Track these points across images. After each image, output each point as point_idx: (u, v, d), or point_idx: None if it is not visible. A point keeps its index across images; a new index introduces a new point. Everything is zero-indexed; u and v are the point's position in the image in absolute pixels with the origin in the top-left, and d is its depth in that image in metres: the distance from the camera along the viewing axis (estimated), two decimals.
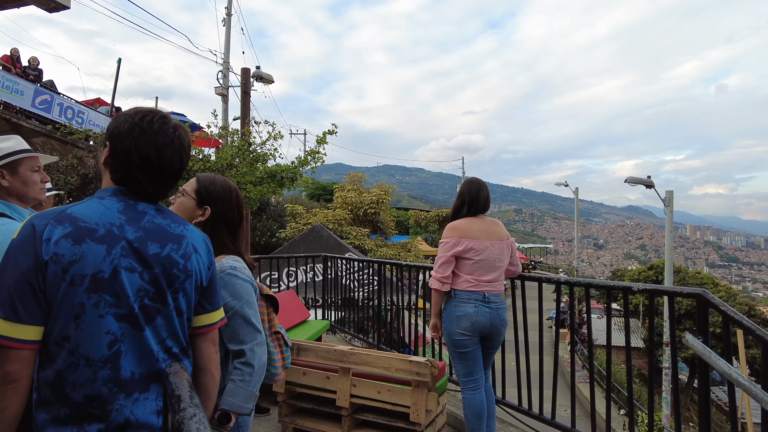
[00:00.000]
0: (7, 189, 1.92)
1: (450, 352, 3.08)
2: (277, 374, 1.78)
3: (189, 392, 1.18)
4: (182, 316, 1.35)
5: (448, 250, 2.96)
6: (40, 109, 12.69)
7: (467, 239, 2.95)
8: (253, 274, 1.81)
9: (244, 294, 1.63)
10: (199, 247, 1.41)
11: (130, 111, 1.35)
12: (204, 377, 1.46)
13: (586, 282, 3.36)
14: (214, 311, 1.46)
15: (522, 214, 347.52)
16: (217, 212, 1.76)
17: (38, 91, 12.72)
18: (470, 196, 3.07)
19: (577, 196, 28.83)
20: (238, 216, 1.81)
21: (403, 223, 31.56)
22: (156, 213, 1.35)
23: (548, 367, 3.64)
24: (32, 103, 12.52)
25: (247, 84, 9.10)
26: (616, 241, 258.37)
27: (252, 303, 1.65)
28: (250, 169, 7.57)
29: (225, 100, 15.56)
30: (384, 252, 17.32)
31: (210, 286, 1.44)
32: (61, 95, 13.74)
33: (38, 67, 13.75)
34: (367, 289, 6.80)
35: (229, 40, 16.47)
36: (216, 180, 1.81)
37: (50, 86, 13.57)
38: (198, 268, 1.38)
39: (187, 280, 1.34)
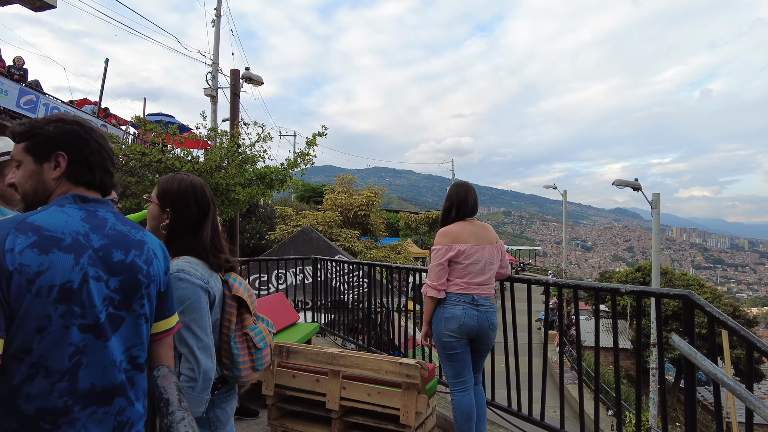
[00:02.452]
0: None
1: (439, 353, 3.09)
2: (241, 376, 1.76)
3: (178, 395, 1.17)
4: (148, 323, 1.35)
5: (442, 257, 2.96)
6: (25, 109, 12.50)
7: (458, 244, 2.95)
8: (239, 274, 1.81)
9: (185, 298, 1.62)
10: (158, 252, 1.43)
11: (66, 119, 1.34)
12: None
13: (575, 284, 3.39)
14: (171, 316, 1.48)
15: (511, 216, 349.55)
16: (174, 212, 1.75)
17: (23, 91, 12.54)
18: (458, 200, 3.08)
19: (566, 199, 29.06)
20: (198, 213, 1.78)
21: (393, 225, 31.60)
22: (116, 220, 1.35)
23: (537, 369, 3.66)
24: (17, 103, 12.33)
25: (236, 85, 9.05)
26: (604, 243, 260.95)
27: (194, 307, 1.63)
28: (239, 170, 7.53)
29: (214, 102, 15.47)
30: (374, 254, 17.32)
31: (167, 292, 1.46)
32: (47, 95, 13.56)
33: (23, 66, 13.55)
34: (357, 291, 6.79)
35: (218, 42, 16.38)
36: (174, 179, 1.79)
37: (35, 86, 13.37)
38: (158, 274, 1.39)
39: (150, 285, 1.35)
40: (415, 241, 30.78)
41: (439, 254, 2.98)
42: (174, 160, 6.98)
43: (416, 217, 31.97)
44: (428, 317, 3.06)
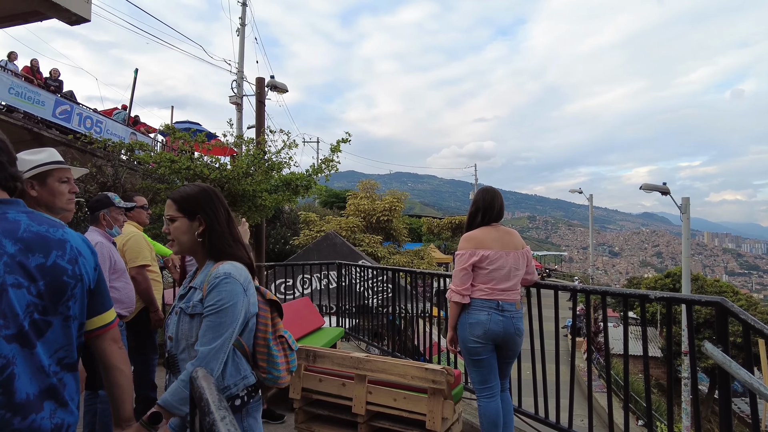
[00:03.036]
0: (36, 199, 1.99)
1: (465, 359, 3.09)
2: (280, 377, 1.79)
3: (217, 395, 1.21)
4: (75, 322, 1.32)
5: (465, 261, 2.96)
6: (60, 119, 12.97)
7: (483, 249, 2.95)
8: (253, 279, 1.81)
9: (225, 302, 1.63)
10: (82, 249, 1.36)
11: None
12: (114, 375, 1.48)
13: (602, 290, 3.34)
14: (105, 312, 1.44)
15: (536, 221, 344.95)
16: (206, 215, 1.74)
17: (58, 101, 13.01)
18: (484, 205, 3.07)
19: (591, 203, 28.57)
20: (226, 213, 1.80)
21: (416, 230, 31.54)
22: (30, 220, 1.27)
23: (564, 376, 3.61)
24: (53, 113, 12.80)
25: (261, 93, 9.22)
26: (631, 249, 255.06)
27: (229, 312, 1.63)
28: (266, 177, 7.65)
29: (239, 109, 15.77)
30: (397, 259, 17.32)
31: (98, 288, 1.41)
32: (80, 105, 14.04)
33: (59, 78, 14.08)
34: (381, 296, 6.81)
35: (243, 50, 16.72)
36: (189, 188, 1.80)
37: (70, 97, 13.87)
38: (85, 271, 1.34)
39: (77, 285, 1.31)
40: (438, 246, 30.66)
41: (462, 259, 2.98)
42: (202, 167, 7.14)
43: (439, 222, 31.86)
44: (453, 322, 3.06)
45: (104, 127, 14.11)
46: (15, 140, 11.93)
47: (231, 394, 1.70)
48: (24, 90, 12.09)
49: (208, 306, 1.63)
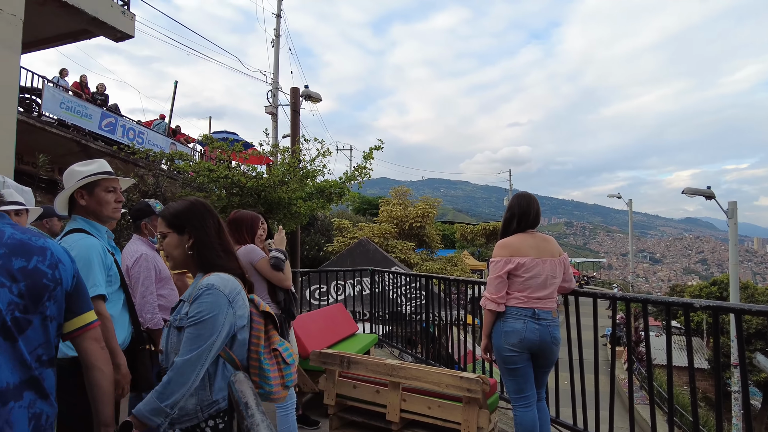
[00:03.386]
0: (84, 208, 2.10)
1: (500, 368, 3.04)
2: (272, 392, 1.71)
3: (255, 399, 1.24)
4: (53, 322, 1.43)
5: (500, 269, 2.92)
6: (106, 131, 13.56)
7: (518, 257, 2.90)
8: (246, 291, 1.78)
9: (205, 313, 1.61)
10: (63, 258, 1.49)
11: None
12: (94, 374, 1.54)
13: (643, 298, 3.23)
14: (85, 314, 1.53)
15: (573, 227, 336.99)
16: (194, 229, 1.75)
17: (104, 114, 13.61)
18: (520, 211, 3.02)
19: (631, 209, 27.72)
20: (215, 226, 1.79)
21: (449, 236, 31.34)
22: (14, 230, 1.40)
23: (604, 387, 3.51)
24: (99, 125, 13.39)
25: (296, 103, 9.40)
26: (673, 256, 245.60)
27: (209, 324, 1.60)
28: (300, 185, 7.79)
29: (275, 119, 16.10)
30: (430, 266, 17.25)
31: (76, 293, 1.51)
32: (124, 117, 14.64)
33: (105, 92, 14.74)
34: (414, 303, 6.79)
35: (278, 61, 17.08)
36: (177, 203, 1.82)
37: (115, 110, 14.49)
38: (64, 276, 1.46)
39: (57, 288, 1.42)
40: (472, 253, 30.34)
41: (497, 267, 2.94)
42: (239, 175, 7.32)
43: (473, 229, 31.55)
44: (488, 330, 3.02)
45: (146, 138, 14.66)
46: (65, 152, 12.55)
47: (219, 409, 1.65)
48: (73, 104, 12.71)
49: (190, 318, 1.62)
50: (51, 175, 11.46)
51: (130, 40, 7.68)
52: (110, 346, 1.95)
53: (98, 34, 7.49)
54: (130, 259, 3.02)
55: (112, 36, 7.45)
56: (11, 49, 5.78)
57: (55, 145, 12.15)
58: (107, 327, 1.95)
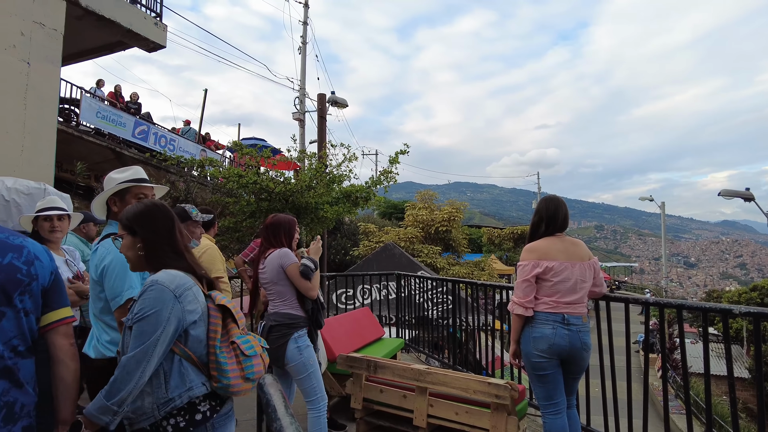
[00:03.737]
0: (116, 214, 2.23)
1: (529, 374, 3.00)
2: (231, 385, 1.67)
3: (284, 402, 1.26)
4: (29, 316, 1.53)
5: (528, 273, 2.88)
6: (139, 138, 13.99)
7: (546, 260, 2.86)
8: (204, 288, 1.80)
9: (148, 309, 1.61)
10: (41, 255, 1.60)
11: None
12: (60, 369, 1.61)
13: (678, 303, 3.14)
14: (60, 309, 1.64)
15: (603, 230, 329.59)
16: (143, 231, 1.78)
17: (137, 122, 14.04)
18: (548, 214, 2.98)
19: (664, 211, 26.96)
20: (165, 228, 1.81)
21: (476, 241, 31.05)
22: None
23: (637, 395, 3.42)
24: (132, 133, 13.83)
25: (323, 109, 9.51)
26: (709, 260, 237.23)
27: (152, 320, 1.60)
28: (327, 190, 7.86)
29: (302, 125, 16.32)
30: (456, 270, 17.13)
31: (52, 289, 1.62)
32: (156, 125, 15.07)
33: (138, 101, 15.22)
34: (441, 308, 6.76)
35: (304, 68, 17.31)
36: (135, 205, 1.86)
37: (147, 118, 14.94)
38: (41, 273, 1.57)
39: (32, 283, 1.53)
40: (500, 257, 29.98)
41: (525, 270, 2.90)
42: (268, 181, 7.45)
43: (500, 233, 31.20)
44: (516, 336, 2.98)
45: (177, 145, 15.06)
46: (101, 159, 12.98)
47: (176, 406, 1.63)
48: (109, 113, 13.16)
49: (134, 315, 1.62)
50: (88, 181, 11.88)
51: (162, 50, 7.92)
52: None
53: (132, 45, 7.75)
54: None
55: (145, 47, 7.70)
56: (53, 63, 6.03)
57: (92, 153, 12.59)
58: None
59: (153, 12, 7.70)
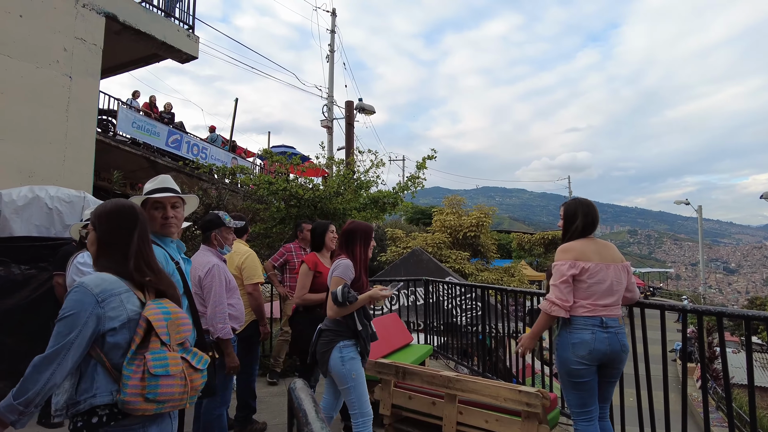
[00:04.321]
0: None
1: (563, 381, 2.91)
2: (125, 400, 1.60)
3: (314, 407, 1.27)
4: None
5: (565, 272, 2.79)
6: (172, 147, 14.39)
7: (582, 261, 2.80)
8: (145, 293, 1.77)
9: (68, 310, 1.61)
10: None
11: None
12: None
13: (718, 310, 3.03)
14: None
15: (637, 235, 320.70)
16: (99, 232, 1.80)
17: (171, 131, 14.46)
18: (583, 215, 2.93)
19: (701, 215, 26.08)
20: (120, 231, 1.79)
21: (505, 246, 30.66)
22: None
23: (674, 405, 3.32)
24: (166, 142, 14.25)
25: (350, 116, 9.59)
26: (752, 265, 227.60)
27: (68, 322, 1.59)
28: (355, 196, 7.92)
29: (330, 132, 16.51)
30: (485, 276, 16.95)
31: None
32: (188, 134, 15.49)
33: (171, 110, 15.68)
34: (470, 314, 6.69)
35: (332, 76, 17.52)
36: (103, 203, 1.86)
37: (180, 127, 15.37)
38: None
39: None
40: (530, 263, 29.51)
41: (562, 270, 2.81)
42: (297, 187, 7.55)
43: (530, 238, 30.73)
44: (538, 333, 2.95)
45: (209, 154, 15.42)
46: (136, 168, 13.41)
47: (80, 410, 1.62)
48: (144, 123, 13.60)
49: (59, 315, 1.63)
50: (124, 189, 12.27)
51: (195, 61, 8.15)
52: None
53: (166, 57, 8.00)
54: (202, 270, 3.15)
55: (178, 58, 7.94)
56: (92, 76, 6.28)
57: (128, 161, 13.02)
58: None
59: (186, 24, 7.94)
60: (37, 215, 4.66)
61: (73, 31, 6.03)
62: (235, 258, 3.94)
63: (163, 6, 7.79)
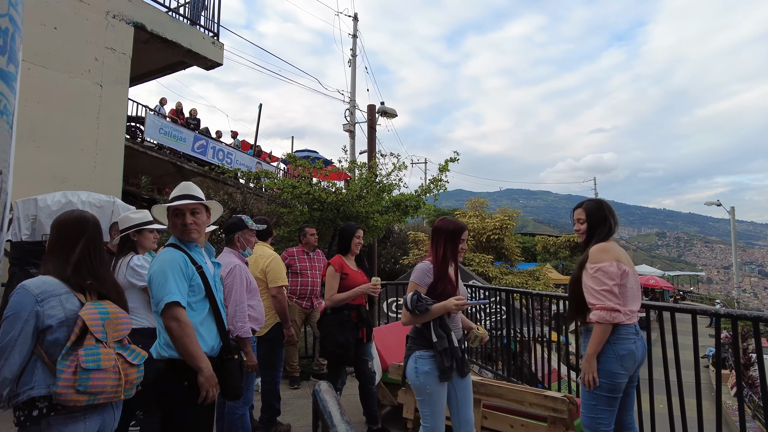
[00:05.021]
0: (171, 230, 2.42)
1: (600, 399, 2.60)
2: (57, 393, 1.77)
3: (339, 409, 1.28)
4: None
5: (616, 275, 2.56)
6: (198, 152, 14.68)
7: (623, 265, 2.61)
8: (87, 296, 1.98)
9: (10, 310, 1.78)
10: None
11: None
12: None
13: (754, 315, 2.93)
14: None
15: (666, 238, 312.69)
16: (51, 238, 2.02)
17: (196, 137, 14.75)
18: (612, 217, 2.79)
19: (734, 216, 25.28)
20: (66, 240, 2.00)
21: (530, 249, 30.23)
22: None
23: (708, 414, 3.22)
24: (192, 148, 14.53)
25: (373, 120, 9.63)
26: None
27: (8, 320, 1.77)
28: (377, 199, 7.93)
29: (352, 136, 16.60)
30: (510, 280, 16.75)
31: None
32: (213, 139, 15.77)
33: (197, 117, 15.99)
34: (494, 318, 6.62)
35: (354, 80, 17.61)
36: (59, 215, 2.09)
37: (205, 133, 15.66)
38: None
39: None
40: (555, 266, 29.04)
41: (611, 272, 2.55)
42: (320, 191, 7.61)
43: (555, 241, 30.23)
44: (597, 349, 2.56)
45: (234, 158, 15.67)
46: (163, 173, 13.71)
47: (18, 402, 1.78)
48: (170, 129, 13.91)
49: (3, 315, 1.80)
50: (151, 194, 12.57)
51: (219, 68, 8.30)
52: (189, 350, 2.12)
53: (192, 64, 8.18)
54: (224, 270, 3.21)
55: (203, 65, 8.10)
56: (122, 84, 6.46)
57: (155, 166, 13.33)
58: (186, 332, 2.12)
59: (210, 32, 8.10)
60: None
61: (104, 41, 6.22)
62: (260, 261, 3.99)
63: (189, 14, 7.96)
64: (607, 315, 2.51)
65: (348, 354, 3.71)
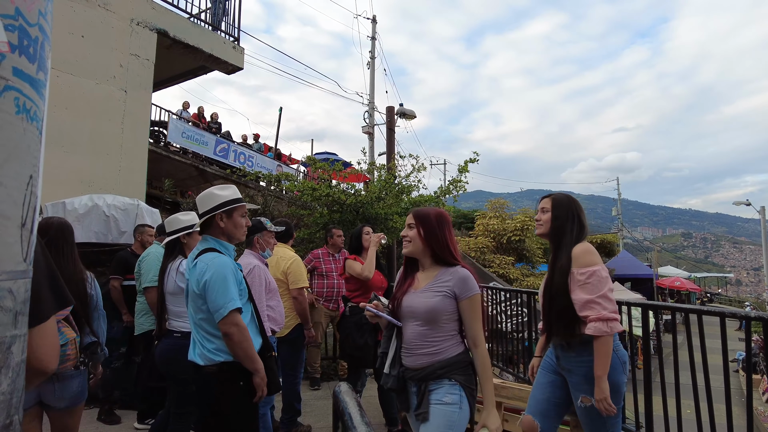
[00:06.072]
0: (222, 229, 2.35)
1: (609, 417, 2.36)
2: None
3: (359, 411, 1.28)
4: None
5: (609, 278, 2.36)
6: (220, 156, 14.88)
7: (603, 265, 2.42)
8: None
9: None
10: None
11: None
12: None
13: None
14: None
15: (692, 238, 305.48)
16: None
17: (218, 140, 14.96)
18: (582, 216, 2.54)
19: (764, 216, 24.54)
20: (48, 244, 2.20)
21: None
22: None
23: (738, 420, 3.12)
24: (214, 151, 14.74)
25: (391, 121, 9.64)
26: None
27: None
28: (396, 200, 7.94)
29: (371, 138, 16.63)
30: (531, 282, 16.57)
31: None
32: (235, 143, 15.98)
33: (218, 120, 16.23)
34: (515, 320, 6.55)
35: (373, 82, 17.65)
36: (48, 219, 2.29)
37: (227, 136, 15.88)
38: None
39: None
40: None
41: (605, 277, 2.32)
42: (340, 193, 7.65)
43: None
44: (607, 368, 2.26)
45: (255, 162, 15.86)
46: (185, 176, 13.94)
47: None
48: (192, 133, 14.15)
49: None
50: (174, 197, 12.79)
51: (240, 72, 8.42)
52: (249, 353, 2.17)
53: (213, 69, 8.31)
54: (244, 271, 3.27)
55: (224, 69, 8.23)
56: (145, 89, 6.60)
57: (177, 170, 13.56)
58: (245, 336, 2.17)
59: (231, 37, 8.22)
60: (96, 222, 4.93)
61: (128, 48, 6.37)
62: (281, 263, 4.02)
63: (210, 20, 8.09)
64: (604, 326, 2.23)
65: (367, 356, 3.73)
